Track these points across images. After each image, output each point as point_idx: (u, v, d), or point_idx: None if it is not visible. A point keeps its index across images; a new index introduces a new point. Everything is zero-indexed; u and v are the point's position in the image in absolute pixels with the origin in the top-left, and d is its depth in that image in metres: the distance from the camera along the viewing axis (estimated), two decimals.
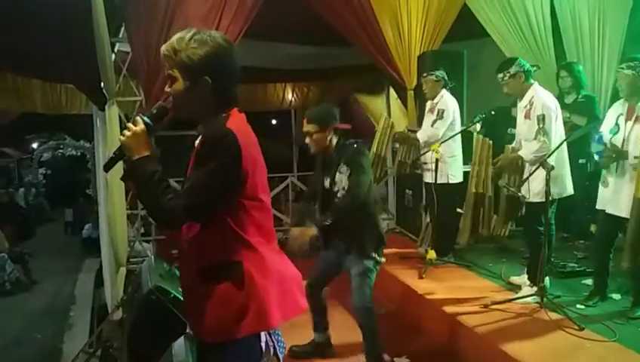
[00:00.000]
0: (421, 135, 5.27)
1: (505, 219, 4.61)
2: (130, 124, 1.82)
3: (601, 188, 3.88)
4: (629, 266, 3.58)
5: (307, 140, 3.50)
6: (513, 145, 4.26)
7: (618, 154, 3.67)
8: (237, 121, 1.86)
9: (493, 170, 4.65)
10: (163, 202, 1.76)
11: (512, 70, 4.03)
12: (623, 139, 3.68)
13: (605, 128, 3.87)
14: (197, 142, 1.93)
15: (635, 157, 3.58)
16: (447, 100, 5.09)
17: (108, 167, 1.97)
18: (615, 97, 4.33)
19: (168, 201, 1.76)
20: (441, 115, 5.07)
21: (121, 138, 1.82)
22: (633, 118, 3.67)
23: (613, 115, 3.85)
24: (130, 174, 1.84)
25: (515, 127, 4.44)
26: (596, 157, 3.90)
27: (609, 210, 3.74)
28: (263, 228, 1.91)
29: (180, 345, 2.50)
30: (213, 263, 1.84)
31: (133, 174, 1.83)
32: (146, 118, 1.83)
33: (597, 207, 3.93)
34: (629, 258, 3.55)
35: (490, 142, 4.91)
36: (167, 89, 1.89)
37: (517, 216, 4.42)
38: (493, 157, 4.73)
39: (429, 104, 5.28)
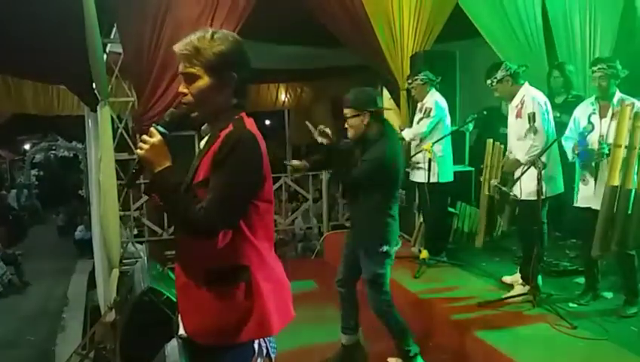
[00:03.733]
0: (406, 133, 5.31)
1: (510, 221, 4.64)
2: (145, 137, 1.76)
3: (581, 186, 3.91)
4: (599, 254, 3.62)
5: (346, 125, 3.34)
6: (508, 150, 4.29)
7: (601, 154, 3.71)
8: (250, 124, 1.85)
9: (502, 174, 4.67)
10: (193, 214, 1.69)
11: (499, 75, 4.07)
12: (600, 136, 3.73)
13: (575, 128, 3.93)
14: (202, 142, 1.93)
15: (608, 145, 3.64)
16: (435, 99, 5.12)
17: (130, 184, 1.97)
18: None
19: (199, 212, 1.70)
20: (427, 113, 5.10)
21: (139, 152, 1.76)
22: (609, 115, 3.73)
23: (583, 115, 3.90)
24: (154, 187, 1.78)
25: (506, 125, 4.46)
26: (571, 156, 3.93)
27: (594, 207, 3.76)
28: (269, 232, 1.91)
29: (173, 346, 2.49)
30: (222, 266, 1.80)
31: (157, 187, 1.77)
32: (160, 128, 1.79)
33: (579, 206, 3.95)
34: (599, 246, 3.59)
35: (502, 146, 4.92)
36: (182, 89, 1.84)
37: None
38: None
39: (419, 104, 5.31)
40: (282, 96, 11.34)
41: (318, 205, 8.58)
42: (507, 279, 4.50)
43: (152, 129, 1.78)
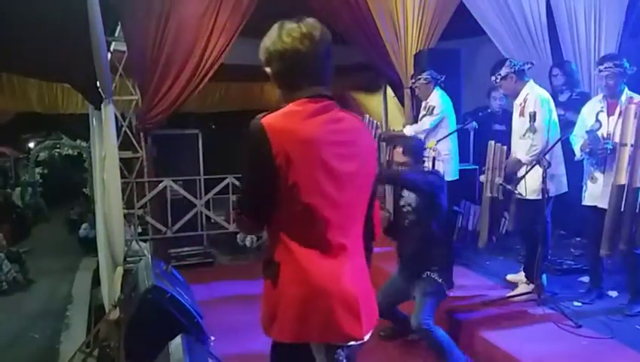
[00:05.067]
0: (408, 130, 5.31)
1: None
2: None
3: (589, 184, 3.90)
4: (608, 253, 3.61)
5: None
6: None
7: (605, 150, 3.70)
8: (282, 113, 1.76)
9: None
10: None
11: (503, 72, 4.06)
12: (608, 134, 3.73)
13: (583, 125, 3.92)
14: None
15: (614, 144, 3.64)
16: (439, 98, 5.11)
17: None
18: None
19: None
20: (430, 111, 5.10)
21: None
22: (617, 113, 3.72)
23: (591, 113, 3.89)
24: None
25: (499, 123, 4.46)
26: (581, 155, 3.92)
27: (601, 205, 3.75)
28: (313, 237, 1.75)
29: (176, 344, 2.50)
30: (265, 259, 1.84)
31: None
32: None
33: (586, 204, 3.94)
34: (607, 245, 3.58)
35: (504, 147, 4.91)
36: None
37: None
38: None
39: (423, 103, 5.31)
40: None
41: None
42: (511, 277, 4.50)
43: None
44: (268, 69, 1.86)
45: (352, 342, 1.80)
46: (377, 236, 2.04)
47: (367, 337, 1.83)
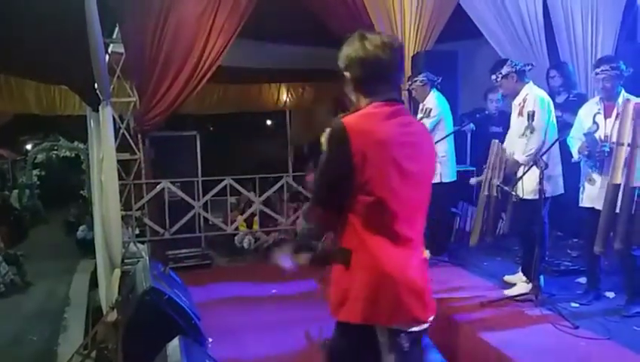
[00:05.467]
0: None
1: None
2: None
3: (587, 186, 3.91)
4: (602, 251, 3.62)
5: None
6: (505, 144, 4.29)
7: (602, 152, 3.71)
8: (359, 115, 1.97)
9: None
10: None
11: (504, 71, 4.06)
12: (605, 136, 3.74)
13: (580, 128, 3.92)
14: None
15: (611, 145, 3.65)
16: (435, 100, 5.12)
17: None
18: None
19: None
20: (427, 113, 5.11)
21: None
22: (614, 116, 3.73)
23: (588, 115, 3.90)
24: None
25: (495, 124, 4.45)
26: (579, 158, 3.93)
27: (598, 207, 3.76)
28: (383, 227, 1.94)
29: (174, 346, 2.50)
30: (337, 247, 2.01)
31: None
32: None
33: (583, 205, 3.95)
34: (601, 243, 3.59)
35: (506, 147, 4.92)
36: None
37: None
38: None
39: (420, 105, 5.31)
40: (284, 97, 11.32)
41: None
42: (509, 278, 4.50)
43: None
44: (347, 74, 2.03)
45: (414, 328, 1.98)
46: None
47: (429, 321, 2.05)
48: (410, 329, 1.97)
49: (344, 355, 2.07)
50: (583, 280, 4.26)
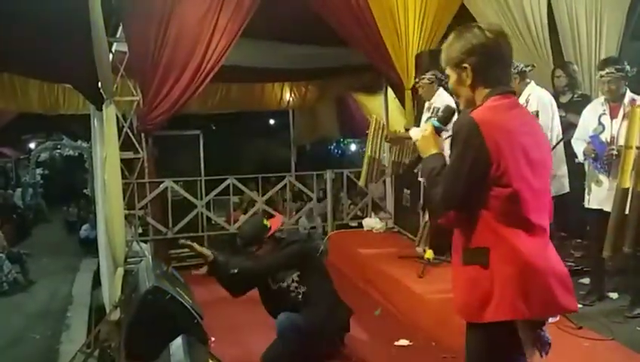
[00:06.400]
0: (413, 133, 5.29)
1: None
2: (421, 129, 2.13)
3: (593, 187, 3.90)
4: (610, 255, 3.60)
5: None
6: None
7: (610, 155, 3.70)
8: (487, 108, 1.94)
9: None
10: (432, 193, 1.97)
11: None
12: (611, 137, 3.73)
13: (585, 129, 3.90)
14: None
15: (619, 148, 3.63)
16: (443, 99, 5.10)
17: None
18: None
19: (438, 192, 1.94)
20: (435, 113, 5.08)
21: (417, 141, 2.14)
22: (620, 116, 3.71)
23: (593, 116, 3.88)
24: (423, 171, 2.16)
25: None
26: (584, 159, 3.91)
27: (607, 209, 3.75)
28: (522, 218, 1.90)
29: (177, 345, 2.50)
30: (469, 247, 1.95)
31: (423, 168, 2.09)
32: (436, 123, 2.12)
33: (589, 207, 3.94)
34: (610, 247, 3.58)
35: None
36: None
37: None
38: None
39: (427, 103, 5.29)
40: (287, 96, 11.33)
41: (322, 205, 8.58)
42: None
43: (428, 123, 2.13)
44: (466, 65, 1.98)
45: (551, 319, 2.04)
46: None
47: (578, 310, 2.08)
48: (549, 321, 1.98)
49: (491, 357, 2.00)
50: (586, 280, 4.25)
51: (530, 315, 1.89)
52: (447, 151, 2.04)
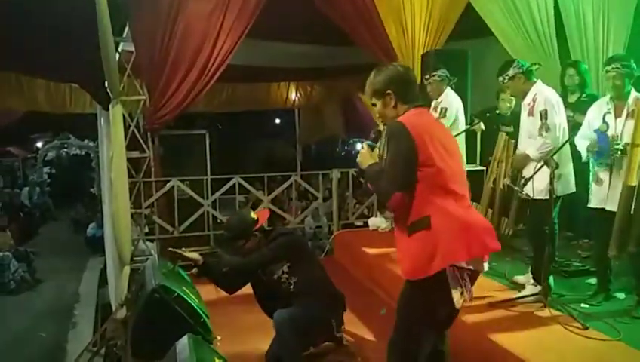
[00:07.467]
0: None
1: (516, 220, 4.63)
2: (362, 148, 2.70)
3: (594, 186, 3.89)
4: (616, 254, 3.59)
5: None
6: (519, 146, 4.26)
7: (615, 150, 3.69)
8: (409, 115, 2.56)
9: (511, 171, 4.65)
10: (380, 187, 2.53)
11: (510, 72, 4.03)
12: (615, 136, 3.72)
13: (588, 127, 3.90)
14: None
15: (625, 145, 3.63)
16: (450, 99, 5.10)
17: None
18: None
19: (382, 185, 2.50)
20: (443, 114, 5.07)
21: (358, 159, 2.68)
22: (624, 115, 3.71)
23: (597, 114, 3.87)
24: (366, 179, 2.63)
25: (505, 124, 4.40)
26: (589, 155, 3.90)
27: (608, 208, 3.73)
28: (449, 189, 2.48)
29: (183, 343, 2.50)
30: (413, 220, 2.47)
31: (366, 176, 2.62)
32: (371, 143, 2.70)
33: (592, 206, 3.93)
34: (616, 246, 3.57)
35: (513, 141, 4.90)
36: (375, 114, 2.87)
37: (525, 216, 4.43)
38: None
39: (433, 103, 5.28)
40: (292, 95, 11.35)
41: (327, 204, 8.58)
42: (518, 279, 4.47)
43: (363, 143, 2.71)
44: (389, 91, 2.62)
45: (470, 267, 2.50)
46: None
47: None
48: (469, 268, 2.49)
49: (426, 304, 2.52)
50: (592, 280, 4.23)
51: (468, 257, 2.45)
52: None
